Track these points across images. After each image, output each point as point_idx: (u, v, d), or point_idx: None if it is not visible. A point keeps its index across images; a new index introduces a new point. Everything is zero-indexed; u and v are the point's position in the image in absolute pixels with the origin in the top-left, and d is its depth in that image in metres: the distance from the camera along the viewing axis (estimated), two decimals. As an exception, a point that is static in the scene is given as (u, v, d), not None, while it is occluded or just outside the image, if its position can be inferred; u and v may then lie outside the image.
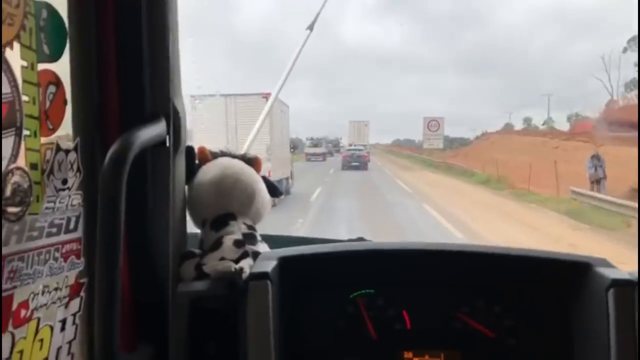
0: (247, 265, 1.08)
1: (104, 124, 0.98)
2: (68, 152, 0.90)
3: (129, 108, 1.00)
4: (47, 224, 0.85)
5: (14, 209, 0.78)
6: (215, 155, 1.26)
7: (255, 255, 1.13)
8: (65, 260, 0.90)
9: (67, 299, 0.91)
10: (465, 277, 1.16)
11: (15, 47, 0.78)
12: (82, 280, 0.94)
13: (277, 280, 1.05)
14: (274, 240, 1.26)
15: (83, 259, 0.94)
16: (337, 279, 1.17)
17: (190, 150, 1.19)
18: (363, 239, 1.41)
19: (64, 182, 0.90)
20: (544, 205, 16.25)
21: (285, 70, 2.16)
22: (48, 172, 0.85)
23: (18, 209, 0.79)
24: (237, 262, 1.10)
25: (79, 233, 0.94)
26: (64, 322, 0.91)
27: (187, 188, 1.20)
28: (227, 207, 1.20)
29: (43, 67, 0.84)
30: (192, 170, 1.20)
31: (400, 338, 1.14)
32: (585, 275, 1.07)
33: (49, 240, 0.86)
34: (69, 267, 0.91)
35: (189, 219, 1.21)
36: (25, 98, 0.79)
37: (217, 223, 1.18)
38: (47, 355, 0.87)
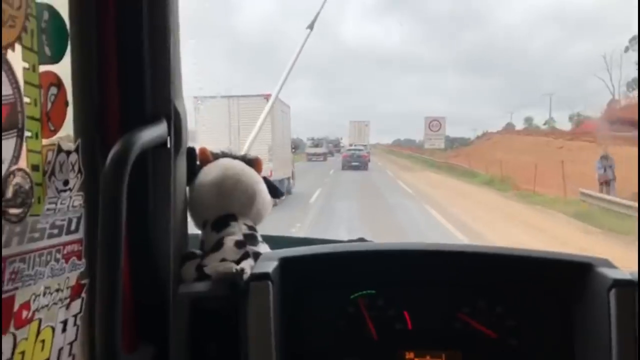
0: (248, 266, 1.08)
1: (105, 125, 0.98)
2: (69, 153, 0.90)
3: (130, 109, 1.00)
4: (48, 225, 0.86)
5: (16, 210, 0.78)
6: (216, 156, 1.26)
7: (256, 256, 1.13)
8: (67, 262, 0.90)
9: (68, 300, 0.91)
10: (466, 277, 1.16)
11: (17, 48, 0.78)
12: (83, 282, 0.95)
13: (278, 281, 1.05)
14: (275, 241, 1.26)
15: (84, 260, 0.95)
16: (338, 280, 1.17)
17: (191, 151, 1.19)
18: (364, 240, 1.41)
19: (65, 183, 0.90)
20: (551, 207, 15.76)
21: (286, 70, 2.16)
22: (49, 173, 0.86)
23: (19, 211, 0.79)
24: (238, 262, 1.10)
25: (80, 234, 0.94)
26: (65, 323, 0.91)
27: (188, 189, 1.20)
28: (228, 208, 1.20)
29: (44, 68, 0.84)
30: (193, 171, 1.20)
31: (401, 338, 1.14)
32: (587, 276, 1.07)
33: (50, 242, 0.86)
34: (70, 268, 0.91)
35: (190, 220, 1.21)
36: (27, 100, 0.80)
37: (218, 224, 1.19)
38: (48, 356, 0.87)
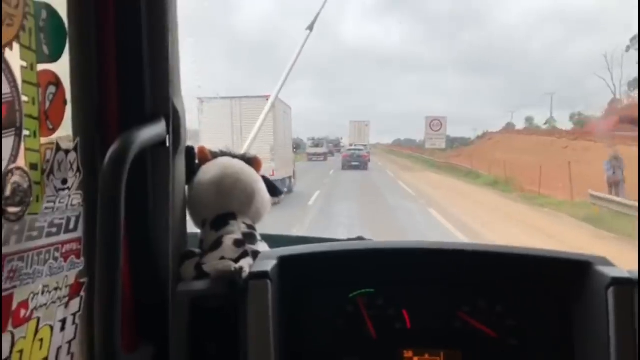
0: (247, 265, 1.08)
1: (104, 124, 0.98)
2: (68, 152, 0.90)
3: (129, 108, 1.00)
4: (47, 224, 0.86)
5: (14, 209, 0.78)
6: (215, 155, 1.26)
7: (255, 255, 1.13)
8: (65, 260, 0.90)
9: (67, 299, 0.91)
10: (466, 276, 1.16)
11: (15, 47, 0.78)
12: (82, 280, 0.95)
13: (277, 280, 1.05)
14: (274, 240, 1.26)
15: (83, 259, 0.95)
16: (336, 279, 1.17)
17: (190, 150, 1.19)
18: (363, 238, 1.41)
19: (64, 182, 0.90)
20: (559, 210, 15.08)
21: (285, 71, 2.16)
22: (48, 172, 0.86)
23: (18, 209, 0.79)
24: (237, 261, 1.10)
25: (79, 233, 0.94)
26: (64, 322, 0.91)
27: (187, 188, 1.20)
28: (227, 206, 1.20)
29: (43, 67, 0.84)
30: (192, 170, 1.20)
31: (400, 337, 1.14)
32: (586, 274, 1.07)
33: (49, 240, 0.86)
34: (69, 267, 0.91)
35: (189, 219, 1.21)
36: (25, 98, 0.80)
37: (217, 223, 1.19)
38: (47, 355, 0.87)
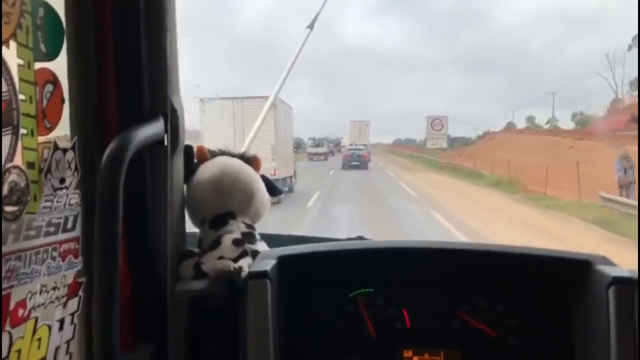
0: (246, 264, 1.08)
1: (102, 123, 0.98)
2: (66, 151, 0.90)
3: (127, 107, 1.00)
4: (44, 223, 0.85)
5: (11, 208, 0.78)
6: (214, 154, 1.26)
7: (255, 254, 1.13)
8: (63, 260, 0.90)
9: (65, 299, 0.91)
10: (466, 275, 1.16)
11: (12, 45, 0.77)
12: (80, 280, 0.94)
13: (276, 279, 1.05)
14: (273, 239, 1.26)
15: (81, 258, 0.94)
16: (336, 278, 1.17)
17: (189, 149, 1.18)
18: (362, 238, 1.41)
19: (62, 181, 0.89)
20: (567, 212, 14.32)
21: (286, 70, 2.15)
22: (45, 171, 0.85)
23: (15, 208, 0.79)
24: (236, 261, 1.09)
25: (77, 232, 0.94)
26: (62, 321, 0.91)
27: (185, 187, 1.19)
28: (226, 206, 1.20)
29: (40, 65, 0.84)
30: (190, 169, 1.19)
31: (400, 337, 1.13)
32: (586, 273, 1.06)
33: (47, 240, 0.86)
34: (67, 266, 0.91)
35: (188, 218, 1.21)
36: (22, 97, 0.79)
37: (216, 222, 1.18)
38: (45, 355, 0.87)
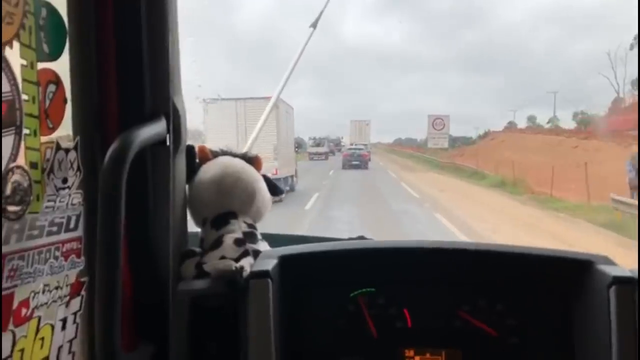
0: (247, 264, 1.08)
1: (104, 123, 0.98)
2: (68, 151, 0.90)
3: (129, 107, 1.00)
4: (47, 223, 0.86)
5: (14, 208, 0.78)
6: (216, 154, 1.26)
7: (256, 254, 1.13)
8: (66, 259, 0.90)
9: (67, 298, 0.91)
10: (467, 275, 1.16)
11: (15, 46, 0.78)
12: (82, 279, 0.95)
13: (277, 279, 1.05)
14: (275, 239, 1.26)
15: (83, 258, 0.95)
16: (337, 278, 1.17)
17: (191, 149, 1.19)
18: (364, 238, 1.41)
19: (64, 181, 0.90)
20: (575, 215, 13.61)
21: (288, 69, 2.15)
22: (48, 171, 0.86)
23: (18, 208, 0.79)
24: (237, 260, 1.09)
25: (80, 232, 0.94)
26: (65, 321, 0.91)
27: (187, 187, 1.20)
28: (227, 205, 1.20)
29: (43, 66, 0.84)
30: (192, 169, 1.20)
31: (401, 336, 1.13)
32: (587, 273, 1.06)
33: (50, 239, 0.86)
34: (70, 266, 0.91)
35: (190, 218, 1.21)
36: (25, 97, 0.80)
37: (217, 222, 1.18)
38: (48, 354, 0.87)
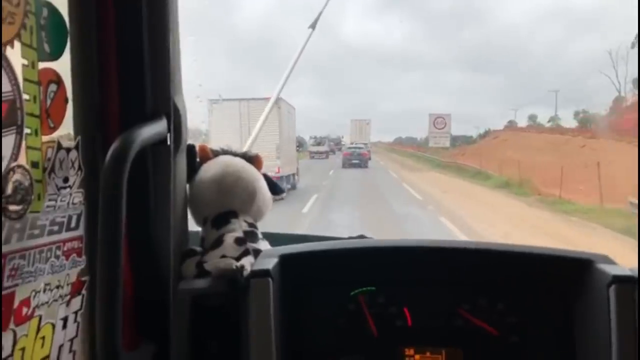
0: (248, 263, 1.08)
1: (105, 123, 0.98)
2: (69, 150, 0.90)
3: (130, 106, 1.00)
4: (48, 222, 0.86)
5: (16, 207, 0.79)
6: (217, 153, 1.26)
7: (257, 253, 1.13)
8: (67, 258, 0.91)
9: (68, 297, 0.91)
10: (467, 274, 1.16)
11: (16, 45, 0.78)
12: (83, 278, 0.95)
13: (278, 278, 1.05)
14: (275, 238, 1.26)
15: (84, 257, 0.95)
16: (338, 277, 1.17)
17: (192, 149, 1.19)
18: (364, 237, 1.41)
19: (65, 180, 0.90)
20: (588, 219, 12.55)
21: (288, 69, 2.15)
22: (49, 170, 0.86)
23: (19, 207, 0.79)
24: (238, 259, 1.10)
25: (81, 231, 0.94)
26: (66, 320, 0.91)
27: (188, 186, 1.20)
28: (228, 204, 1.20)
29: (44, 65, 0.84)
30: (193, 169, 1.20)
31: (402, 335, 1.14)
32: (587, 272, 1.07)
33: (51, 238, 0.86)
34: (71, 265, 0.92)
35: (190, 217, 1.21)
36: (26, 96, 0.80)
37: (218, 221, 1.19)
38: (48, 353, 0.87)
